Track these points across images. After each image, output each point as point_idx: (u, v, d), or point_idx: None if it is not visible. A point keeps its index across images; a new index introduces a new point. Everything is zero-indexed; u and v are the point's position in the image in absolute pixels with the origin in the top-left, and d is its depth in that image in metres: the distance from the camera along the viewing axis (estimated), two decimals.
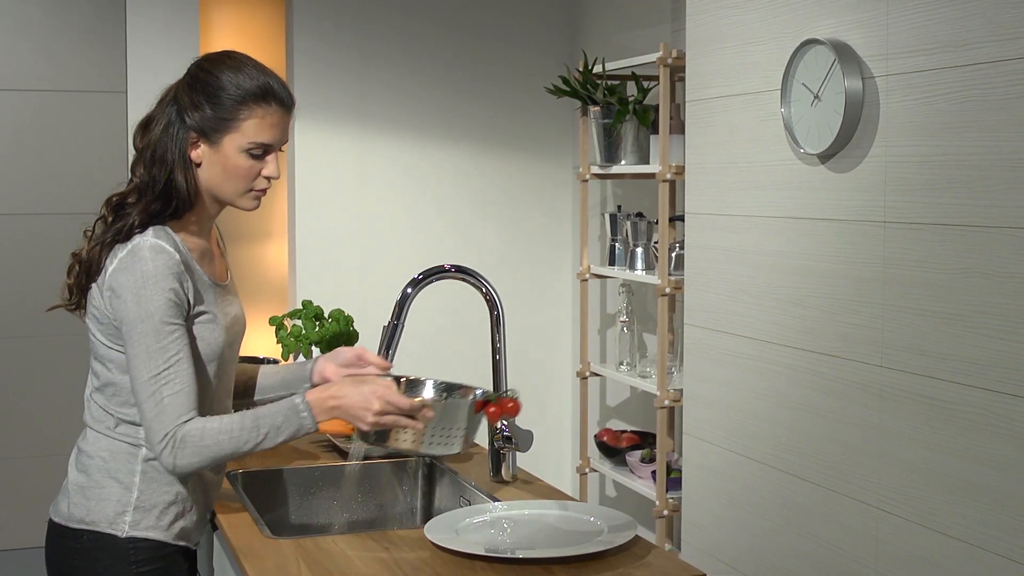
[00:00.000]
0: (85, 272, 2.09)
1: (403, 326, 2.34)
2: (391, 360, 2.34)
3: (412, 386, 2.31)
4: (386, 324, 2.35)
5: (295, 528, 2.52)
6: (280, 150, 2.17)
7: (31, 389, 4.42)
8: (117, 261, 2.04)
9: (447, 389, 2.32)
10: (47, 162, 4.40)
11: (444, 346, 4.81)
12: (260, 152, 2.11)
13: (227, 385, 2.24)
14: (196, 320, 2.10)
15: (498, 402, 2.17)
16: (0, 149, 4.36)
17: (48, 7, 4.38)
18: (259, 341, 4.57)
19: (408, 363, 4.47)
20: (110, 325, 2.07)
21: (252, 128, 2.09)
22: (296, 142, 4.66)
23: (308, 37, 4.64)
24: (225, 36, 5.13)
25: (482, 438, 2.46)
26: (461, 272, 2.37)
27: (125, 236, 2.05)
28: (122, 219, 2.07)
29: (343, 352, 2.33)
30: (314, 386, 2.32)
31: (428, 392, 2.30)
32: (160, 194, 2.07)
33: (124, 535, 2.08)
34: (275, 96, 2.11)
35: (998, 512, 2.33)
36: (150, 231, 2.06)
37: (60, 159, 4.40)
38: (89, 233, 2.12)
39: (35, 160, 4.40)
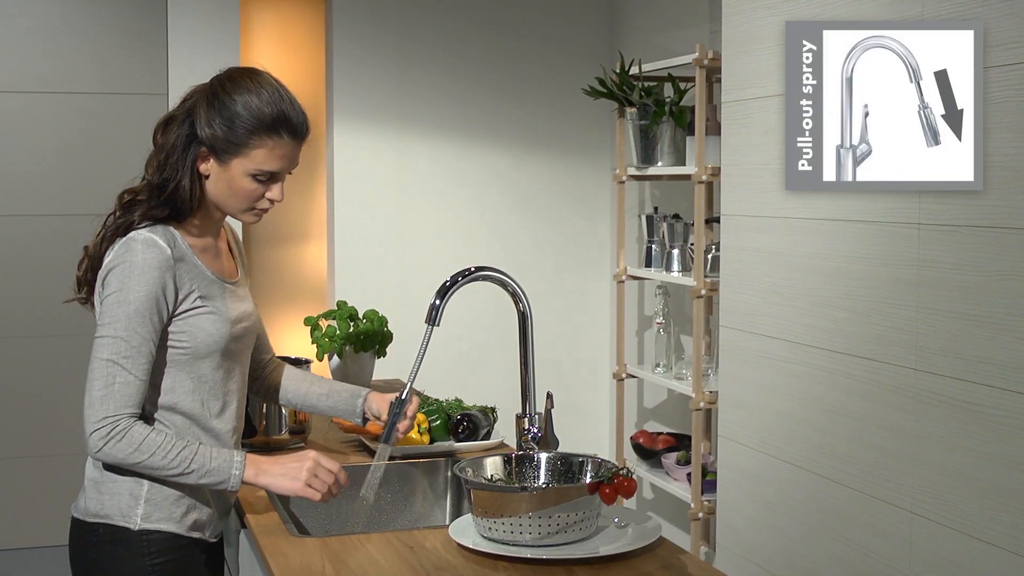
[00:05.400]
0: (91, 266, 2.16)
1: (430, 336, 2.28)
2: (416, 371, 2.31)
3: (523, 461, 2.22)
4: None
5: (324, 528, 2.53)
6: (290, 172, 2.19)
7: (60, 388, 4.46)
8: (112, 254, 2.10)
9: (563, 461, 2.21)
10: (89, 164, 4.45)
11: (484, 346, 4.82)
12: (265, 178, 2.15)
13: (238, 381, 2.25)
14: (193, 312, 2.12)
15: (613, 482, 2.04)
16: (43, 150, 4.42)
17: (90, 11, 4.43)
18: (295, 341, 4.61)
19: (444, 363, 4.50)
20: None
21: (261, 156, 2.12)
22: (335, 143, 4.69)
23: (348, 38, 4.67)
24: (265, 38, 5.17)
25: (511, 439, 2.46)
26: (483, 271, 2.33)
27: (124, 231, 2.11)
28: (127, 215, 2.13)
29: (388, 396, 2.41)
30: (365, 422, 2.45)
31: (542, 467, 2.22)
32: (166, 199, 2.12)
33: (137, 527, 2.11)
34: (288, 127, 2.13)
35: None
36: (146, 226, 2.11)
37: (102, 161, 4.44)
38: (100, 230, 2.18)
39: (77, 162, 4.45)
